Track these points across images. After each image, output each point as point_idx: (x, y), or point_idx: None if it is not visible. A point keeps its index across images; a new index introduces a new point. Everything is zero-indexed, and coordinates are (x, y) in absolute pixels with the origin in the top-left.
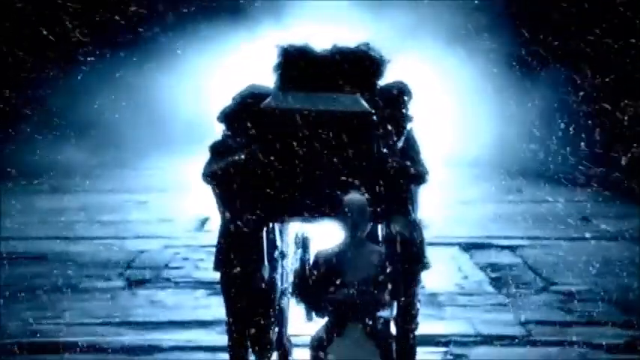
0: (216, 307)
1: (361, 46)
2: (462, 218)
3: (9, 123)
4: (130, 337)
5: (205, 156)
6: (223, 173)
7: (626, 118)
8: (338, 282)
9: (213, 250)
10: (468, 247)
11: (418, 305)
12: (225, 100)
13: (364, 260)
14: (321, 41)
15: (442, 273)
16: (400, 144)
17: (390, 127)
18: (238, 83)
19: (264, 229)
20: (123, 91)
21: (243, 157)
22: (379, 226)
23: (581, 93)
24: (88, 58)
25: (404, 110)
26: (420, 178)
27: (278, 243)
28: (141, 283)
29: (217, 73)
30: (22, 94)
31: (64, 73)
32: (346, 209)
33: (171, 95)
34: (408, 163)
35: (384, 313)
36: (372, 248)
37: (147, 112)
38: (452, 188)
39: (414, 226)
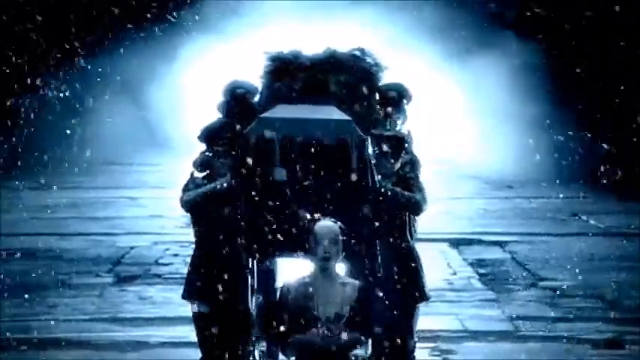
0: None
1: (355, 52)
2: (451, 214)
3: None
4: (119, 333)
5: (192, 157)
6: (200, 202)
7: (616, 115)
8: (307, 318)
9: None
10: (457, 243)
11: (414, 342)
12: (204, 108)
13: (336, 294)
14: (303, 45)
15: (431, 269)
16: (398, 165)
17: (386, 149)
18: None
19: (242, 263)
20: (115, 88)
21: (223, 185)
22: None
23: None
24: (82, 56)
25: (401, 117)
26: (415, 208)
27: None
28: (130, 279)
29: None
30: (14, 92)
31: (56, 70)
32: (317, 238)
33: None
34: (403, 192)
35: (358, 352)
36: (345, 280)
37: (138, 109)
38: (441, 184)
39: (412, 255)
